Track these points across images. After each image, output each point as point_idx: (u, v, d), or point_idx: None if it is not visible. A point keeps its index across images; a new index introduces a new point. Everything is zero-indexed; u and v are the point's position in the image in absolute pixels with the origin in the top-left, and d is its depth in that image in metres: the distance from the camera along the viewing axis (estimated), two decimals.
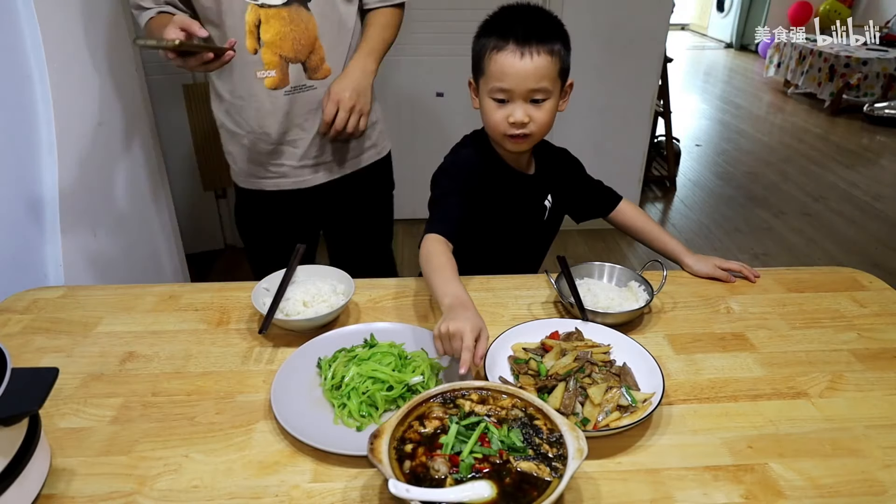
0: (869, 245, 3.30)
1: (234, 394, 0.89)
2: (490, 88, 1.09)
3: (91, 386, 0.90)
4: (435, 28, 2.98)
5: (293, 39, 1.29)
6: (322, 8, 1.30)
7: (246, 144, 1.40)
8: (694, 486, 0.74)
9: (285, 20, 1.27)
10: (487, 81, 1.10)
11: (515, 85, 1.07)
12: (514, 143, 1.14)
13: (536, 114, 1.09)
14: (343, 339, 0.98)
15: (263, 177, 1.44)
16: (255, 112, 1.34)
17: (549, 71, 1.07)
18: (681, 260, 1.26)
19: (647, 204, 3.82)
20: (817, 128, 5.36)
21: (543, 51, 1.06)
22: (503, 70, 1.06)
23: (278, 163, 1.41)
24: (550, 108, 1.11)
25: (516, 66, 1.05)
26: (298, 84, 1.33)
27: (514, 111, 1.08)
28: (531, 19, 1.09)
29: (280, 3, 1.26)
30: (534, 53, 1.05)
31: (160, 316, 1.08)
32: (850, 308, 1.12)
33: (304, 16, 1.28)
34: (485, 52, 1.09)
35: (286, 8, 1.26)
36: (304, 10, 1.28)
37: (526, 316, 1.09)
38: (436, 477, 0.66)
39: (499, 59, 1.06)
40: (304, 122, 1.38)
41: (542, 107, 1.10)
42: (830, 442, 0.81)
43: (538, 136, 1.14)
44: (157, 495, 0.72)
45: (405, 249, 3.21)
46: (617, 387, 0.86)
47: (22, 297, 1.13)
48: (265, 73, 1.30)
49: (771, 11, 7.84)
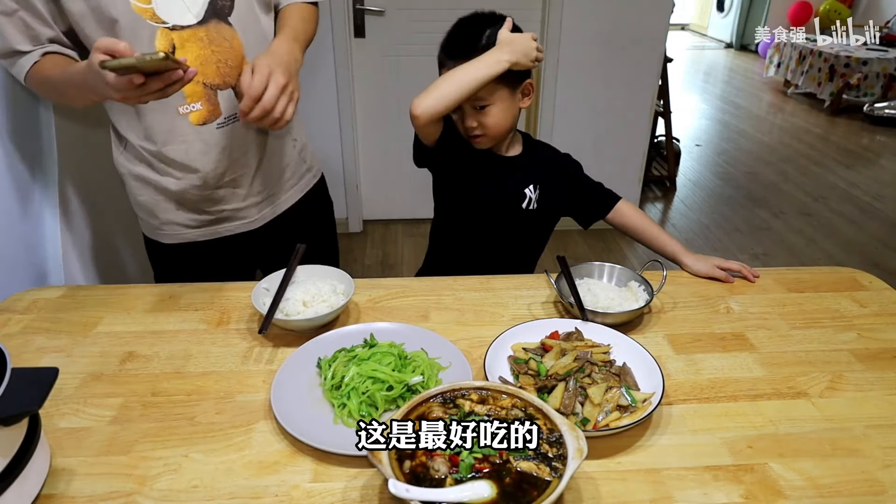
0: (869, 245, 3.30)
1: (234, 394, 0.89)
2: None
3: (91, 386, 0.90)
4: (435, 28, 2.97)
5: (217, 62, 1.10)
6: (244, 21, 1.12)
7: (171, 193, 1.18)
8: (694, 486, 0.74)
9: (204, 41, 1.08)
10: None
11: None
12: (476, 143, 1.24)
13: (484, 119, 1.19)
14: (343, 339, 0.98)
15: (195, 226, 1.23)
16: (183, 155, 1.13)
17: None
18: (680, 260, 1.26)
19: (647, 204, 3.82)
20: (817, 128, 5.36)
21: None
22: None
23: (216, 209, 1.22)
24: (497, 113, 1.19)
25: None
26: (232, 113, 1.14)
27: (467, 120, 1.20)
28: (463, 34, 1.20)
29: (195, 23, 1.07)
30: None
31: (160, 316, 1.08)
32: (850, 308, 1.12)
33: (227, 32, 1.10)
34: (440, 67, 1.22)
35: (203, 27, 1.07)
36: (224, 25, 1.10)
37: (526, 316, 1.09)
38: (436, 477, 0.66)
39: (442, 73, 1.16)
40: (244, 157, 1.19)
41: (488, 112, 1.18)
42: (830, 442, 0.81)
43: (495, 136, 1.23)
44: (157, 495, 0.72)
45: (405, 249, 3.21)
46: (617, 387, 0.86)
47: (22, 297, 1.13)
48: (188, 107, 1.10)
49: (771, 11, 7.84)
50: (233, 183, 1.21)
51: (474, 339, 1.01)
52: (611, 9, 2.88)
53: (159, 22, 1.04)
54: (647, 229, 1.32)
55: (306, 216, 1.38)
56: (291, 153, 1.31)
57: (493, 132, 1.21)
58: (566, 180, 1.34)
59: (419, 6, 2.88)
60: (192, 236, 1.25)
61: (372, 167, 3.28)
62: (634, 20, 2.90)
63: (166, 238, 1.25)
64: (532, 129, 3.20)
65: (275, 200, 1.30)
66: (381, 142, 3.23)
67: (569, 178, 1.35)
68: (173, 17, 1.05)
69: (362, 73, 3.03)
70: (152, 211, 1.22)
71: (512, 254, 1.36)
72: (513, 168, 1.30)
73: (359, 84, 3.04)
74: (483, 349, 0.94)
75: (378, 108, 3.15)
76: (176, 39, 1.06)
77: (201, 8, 1.07)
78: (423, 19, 2.92)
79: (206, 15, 1.08)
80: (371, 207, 3.37)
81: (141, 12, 1.03)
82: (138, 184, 1.20)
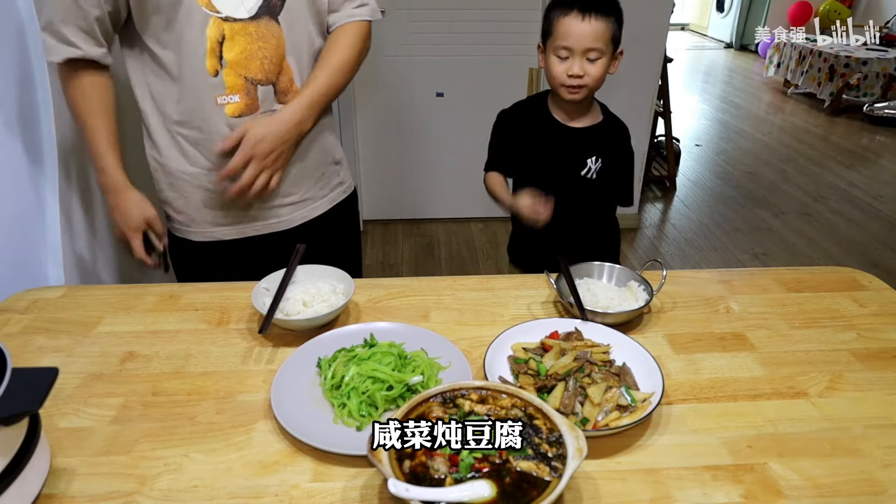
0: (869, 245, 3.30)
1: (234, 394, 0.89)
2: (555, 46, 1.33)
3: (91, 386, 0.90)
4: (435, 28, 2.98)
5: (262, 58, 1.13)
6: (292, 21, 1.15)
7: (201, 187, 1.21)
8: (693, 486, 0.74)
9: (252, 36, 1.11)
10: (553, 41, 1.33)
11: (576, 43, 1.30)
12: (569, 93, 1.36)
13: (591, 68, 1.33)
14: (343, 339, 0.98)
15: (224, 223, 1.25)
16: (213, 145, 1.15)
17: (603, 34, 1.30)
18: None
19: (646, 204, 3.82)
20: (817, 128, 5.36)
21: (600, 17, 1.29)
22: (567, 31, 1.30)
23: (244, 208, 1.24)
24: (602, 65, 1.33)
25: (577, 28, 1.29)
26: (268, 110, 1.17)
27: (573, 65, 1.32)
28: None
29: (247, 17, 1.10)
30: (592, 19, 1.29)
31: (160, 316, 1.08)
32: (850, 308, 1.12)
33: (274, 30, 1.13)
34: (552, 18, 1.34)
35: (253, 23, 1.11)
36: (273, 23, 1.13)
37: (526, 316, 1.09)
38: (435, 476, 0.66)
39: (564, 21, 1.31)
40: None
41: (596, 63, 1.33)
42: (830, 442, 0.81)
43: (591, 89, 1.36)
44: (157, 495, 0.72)
45: (405, 249, 3.21)
46: (616, 386, 0.86)
47: (22, 297, 1.13)
48: (227, 98, 1.13)
49: (771, 11, 7.85)
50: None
51: (474, 339, 1.01)
52: None
53: (214, 11, 1.09)
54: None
55: (334, 227, 1.40)
56: (324, 160, 1.33)
57: (594, 84, 1.34)
58: (621, 161, 1.48)
59: (419, 6, 2.88)
60: (220, 234, 1.26)
61: (372, 167, 3.29)
62: (634, 20, 2.87)
63: (195, 235, 1.27)
64: None
65: (303, 207, 1.31)
66: (381, 142, 3.24)
67: (623, 161, 1.49)
68: (227, 9, 1.10)
69: (362, 73, 3.00)
70: (181, 207, 1.24)
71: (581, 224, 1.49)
72: (574, 137, 1.43)
73: (359, 84, 3.04)
74: (483, 349, 0.94)
75: (378, 109, 3.16)
76: (227, 30, 1.10)
77: (255, 4, 1.12)
78: (423, 19, 2.92)
79: (259, 11, 1.12)
80: (371, 207, 3.37)
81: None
82: (166, 178, 1.23)
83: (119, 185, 1.19)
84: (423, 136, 3.24)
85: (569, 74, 1.32)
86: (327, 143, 1.34)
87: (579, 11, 1.29)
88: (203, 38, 1.09)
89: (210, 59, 1.11)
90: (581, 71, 1.32)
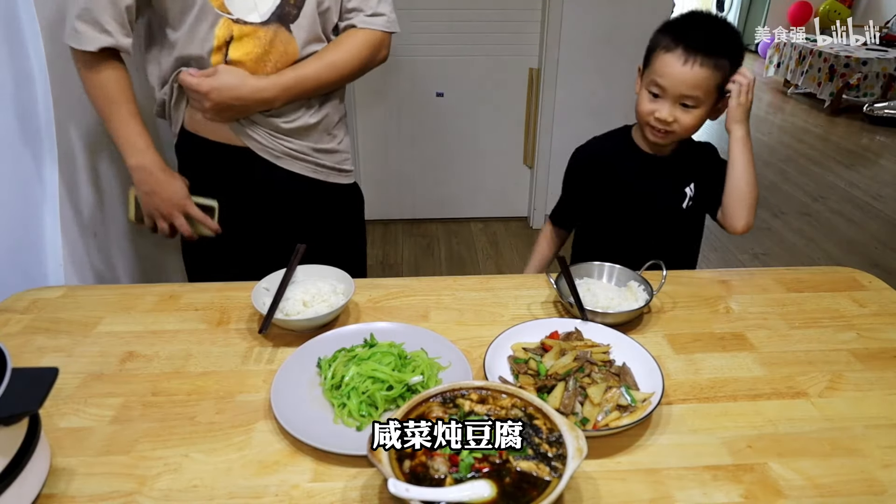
0: (869, 245, 3.30)
1: (234, 394, 0.89)
2: (649, 81, 1.20)
3: (91, 386, 0.90)
4: (435, 28, 2.98)
5: (266, 62, 1.17)
6: (305, 31, 1.18)
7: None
8: (693, 486, 0.74)
9: (262, 41, 1.15)
10: (649, 74, 1.20)
11: (670, 85, 1.16)
12: (652, 134, 1.24)
13: (682, 116, 1.19)
14: (343, 339, 0.98)
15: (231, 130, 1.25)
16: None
17: (706, 82, 1.15)
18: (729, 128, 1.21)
19: None
20: (817, 128, 5.36)
21: (707, 63, 1.14)
22: (664, 69, 1.17)
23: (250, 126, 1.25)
24: (698, 115, 1.19)
25: (676, 69, 1.15)
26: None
27: (661, 109, 1.19)
28: (708, 30, 1.18)
29: (259, 22, 1.13)
30: (696, 63, 1.14)
31: (160, 316, 1.08)
32: (850, 308, 1.12)
33: (285, 37, 1.16)
34: (656, 47, 1.20)
35: (264, 28, 1.14)
36: (284, 30, 1.16)
37: (526, 316, 1.09)
38: (435, 476, 0.66)
39: (665, 58, 1.17)
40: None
41: (690, 112, 1.18)
42: (830, 442, 0.81)
43: (678, 137, 1.23)
44: (157, 495, 0.72)
45: (405, 249, 3.21)
46: (616, 386, 0.86)
47: (22, 297, 1.13)
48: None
49: (771, 11, 7.85)
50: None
51: (474, 339, 1.01)
52: (611, 9, 2.88)
53: (226, 12, 1.12)
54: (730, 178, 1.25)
55: (337, 222, 1.42)
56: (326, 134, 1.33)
57: (683, 133, 1.21)
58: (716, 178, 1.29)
59: (419, 6, 2.88)
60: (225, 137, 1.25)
61: (372, 167, 3.29)
62: (634, 20, 2.91)
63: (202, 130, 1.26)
64: (532, 129, 3.21)
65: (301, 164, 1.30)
66: (382, 142, 3.24)
67: (712, 170, 1.31)
68: (239, 12, 1.13)
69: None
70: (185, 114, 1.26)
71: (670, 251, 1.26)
72: (668, 167, 1.30)
73: (359, 84, 3.04)
74: (483, 349, 0.94)
75: (378, 109, 3.16)
76: (236, 31, 1.13)
77: (269, 10, 1.14)
78: (424, 19, 2.92)
79: (271, 18, 1.15)
80: (371, 207, 3.35)
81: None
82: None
83: (159, 163, 1.22)
84: (423, 136, 3.24)
85: (655, 117, 1.19)
86: (331, 125, 1.34)
87: (684, 51, 1.14)
88: (211, 36, 1.13)
89: (216, 56, 1.16)
90: (670, 117, 1.18)
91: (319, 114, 1.30)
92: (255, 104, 1.19)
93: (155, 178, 1.22)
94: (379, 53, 1.29)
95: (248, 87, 1.16)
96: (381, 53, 1.30)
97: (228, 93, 1.15)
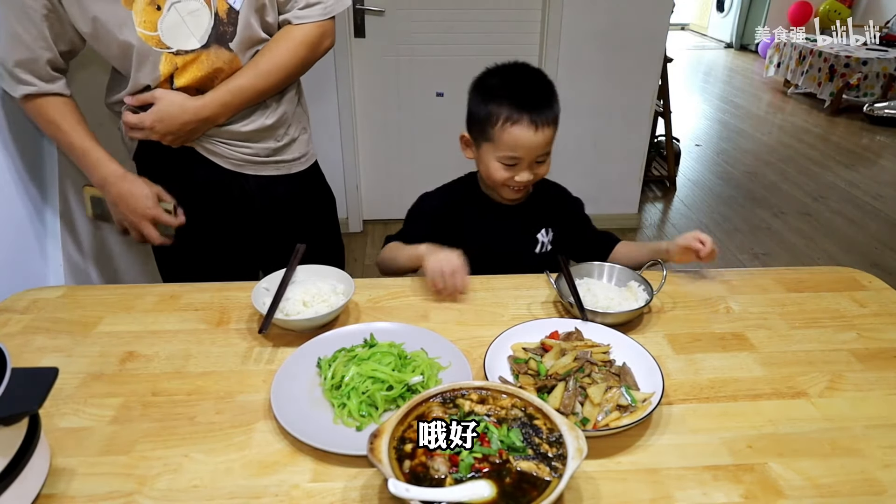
0: (869, 245, 3.30)
1: (234, 394, 0.89)
2: (500, 156, 1.17)
3: (91, 386, 0.90)
4: (435, 28, 2.98)
5: (213, 79, 1.16)
6: (244, 45, 1.16)
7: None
8: (693, 486, 0.74)
9: (204, 64, 1.14)
10: (497, 149, 1.17)
11: (527, 154, 1.16)
12: (513, 194, 1.24)
13: (539, 170, 1.21)
14: (343, 339, 0.98)
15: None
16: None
17: (553, 135, 1.18)
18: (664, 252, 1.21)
19: (647, 204, 3.82)
20: (817, 128, 5.36)
21: (550, 119, 1.16)
22: (517, 142, 1.15)
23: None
24: (549, 160, 1.22)
25: (530, 140, 1.14)
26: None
27: (522, 174, 1.19)
28: (536, 87, 1.19)
29: (199, 47, 1.13)
30: (544, 126, 1.15)
31: (160, 316, 1.08)
32: (850, 308, 1.12)
33: (226, 56, 1.15)
34: (495, 120, 1.15)
35: (205, 51, 1.13)
36: (224, 50, 1.15)
37: (526, 316, 1.09)
38: (435, 477, 0.66)
39: (513, 131, 1.14)
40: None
41: (544, 163, 1.21)
42: (830, 442, 0.81)
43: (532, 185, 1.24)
44: (157, 495, 0.72)
45: None
46: (616, 386, 0.86)
47: (22, 297, 1.13)
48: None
49: (771, 11, 7.84)
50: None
51: (474, 339, 1.01)
52: (611, 8, 2.88)
53: (164, 48, 1.11)
54: (636, 252, 1.28)
55: (305, 208, 1.39)
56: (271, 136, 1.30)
57: (539, 179, 1.23)
58: (570, 220, 1.33)
59: (419, 6, 2.88)
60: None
61: (372, 167, 3.28)
62: (634, 20, 2.90)
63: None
64: None
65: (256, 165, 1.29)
66: (382, 142, 3.23)
67: (572, 217, 1.34)
68: (177, 43, 1.12)
69: (362, 73, 3.03)
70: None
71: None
72: (521, 214, 1.30)
73: (359, 84, 3.04)
74: (483, 349, 0.94)
75: (378, 109, 3.15)
76: (179, 62, 1.13)
77: (205, 32, 1.13)
78: (423, 19, 2.92)
79: (209, 40, 1.14)
80: (371, 207, 3.37)
81: (147, 39, 1.10)
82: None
83: (118, 173, 1.19)
84: (423, 136, 3.24)
85: (517, 180, 1.19)
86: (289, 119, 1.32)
87: (531, 121, 1.13)
88: (157, 74, 1.13)
89: (162, 85, 1.16)
90: (531, 176, 1.19)
91: (276, 114, 1.28)
92: (200, 125, 1.18)
93: (116, 188, 1.18)
94: (320, 46, 1.24)
95: (190, 111, 1.15)
96: (322, 45, 1.25)
97: (171, 121, 1.15)
